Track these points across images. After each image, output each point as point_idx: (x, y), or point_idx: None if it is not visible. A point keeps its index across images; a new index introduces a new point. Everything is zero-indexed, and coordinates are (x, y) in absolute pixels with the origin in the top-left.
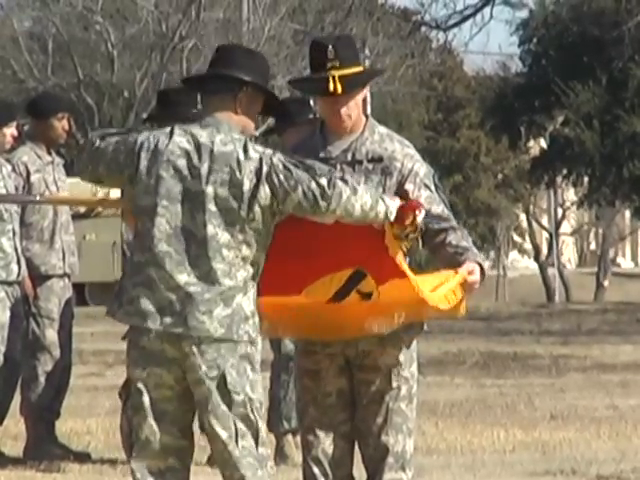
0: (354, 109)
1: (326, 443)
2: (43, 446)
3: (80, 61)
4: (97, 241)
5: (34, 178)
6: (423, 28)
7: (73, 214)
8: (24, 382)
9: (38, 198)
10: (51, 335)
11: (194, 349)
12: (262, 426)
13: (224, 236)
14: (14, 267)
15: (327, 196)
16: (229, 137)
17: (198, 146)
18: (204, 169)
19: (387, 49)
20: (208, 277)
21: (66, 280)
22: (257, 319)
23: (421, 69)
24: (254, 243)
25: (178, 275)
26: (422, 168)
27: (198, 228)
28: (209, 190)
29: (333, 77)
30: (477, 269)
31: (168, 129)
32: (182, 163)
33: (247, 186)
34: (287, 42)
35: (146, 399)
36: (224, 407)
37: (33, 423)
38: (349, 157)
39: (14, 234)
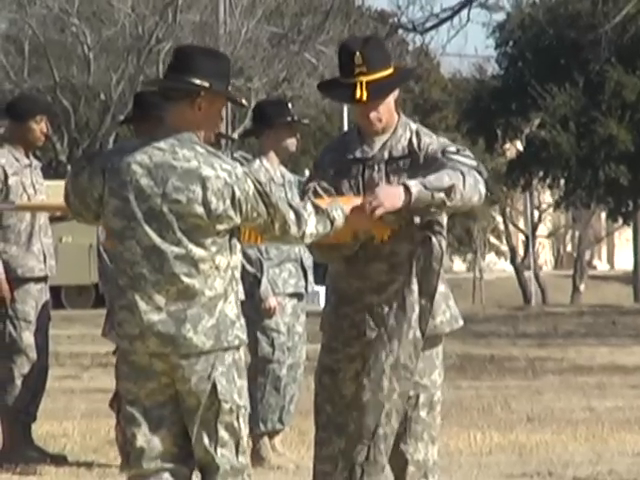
0: (384, 112)
1: (339, 442)
2: (19, 449)
3: (56, 63)
4: (73, 244)
5: (12, 181)
6: (400, 31)
7: (49, 217)
8: (0, 385)
9: (15, 205)
10: (27, 338)
11: (182, 362)
12: (245, 434)
13: (198, 251)
14: None
15: (302, 222)
16: (192, 152)
17: (161, 163)
18: (169, 187)
19: None
20: (187, 293)
21: (43, 283)
22: (243, 321)
23: None
24: (227, 249)
25: (157, 295)
26: (440, 139)
27: (169, 247)
28: (175, 208)
29: (360, 83)
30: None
31: (131, 145)
32: (145, 182)
33: (214, 204)
34: (264, 45)
35: (139, 409)
36: (210, 415)
37: (9, 426)
38: (386, 155)
39: None
